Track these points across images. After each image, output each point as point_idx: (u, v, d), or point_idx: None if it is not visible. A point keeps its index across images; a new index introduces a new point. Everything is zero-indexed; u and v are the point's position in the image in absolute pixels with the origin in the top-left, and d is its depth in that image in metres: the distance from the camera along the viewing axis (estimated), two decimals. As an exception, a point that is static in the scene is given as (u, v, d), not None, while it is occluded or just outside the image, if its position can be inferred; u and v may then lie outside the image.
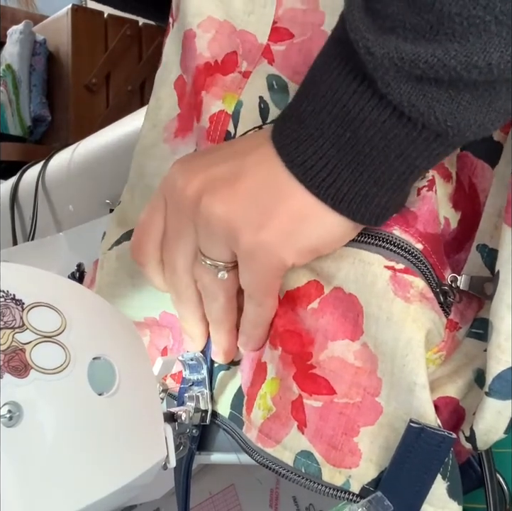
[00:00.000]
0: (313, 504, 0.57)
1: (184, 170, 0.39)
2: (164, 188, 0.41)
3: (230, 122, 0.44)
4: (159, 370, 0.42)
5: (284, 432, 0.39)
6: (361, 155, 0.35)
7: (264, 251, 0.37)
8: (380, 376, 0.38)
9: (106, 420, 0.34)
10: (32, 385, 0.32)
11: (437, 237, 0.39)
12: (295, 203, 0.37)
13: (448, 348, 0.40)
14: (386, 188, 0.36)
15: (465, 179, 0.41)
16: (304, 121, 0.36)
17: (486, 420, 0.36)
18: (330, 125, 0.35)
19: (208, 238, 0.39)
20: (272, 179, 0.37)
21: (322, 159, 0.35)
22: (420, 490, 0.36)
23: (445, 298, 0.39)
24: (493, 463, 0.38)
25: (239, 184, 0.37)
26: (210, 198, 0.37)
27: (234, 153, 0.39)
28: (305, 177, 0.36)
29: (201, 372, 0.44)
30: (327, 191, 0.36)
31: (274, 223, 0.37)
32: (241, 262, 0.38)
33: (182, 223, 0.40)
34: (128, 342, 0.39)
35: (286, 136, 0.36)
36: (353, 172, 0.35)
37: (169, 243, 0.41)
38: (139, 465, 0.35)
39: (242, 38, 0.45)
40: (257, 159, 0.38)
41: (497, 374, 0.36)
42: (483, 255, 0.40)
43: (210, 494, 0.61)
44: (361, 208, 0.36)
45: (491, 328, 0.36)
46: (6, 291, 0.33)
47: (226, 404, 0.43)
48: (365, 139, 0.34)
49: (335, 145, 0.35)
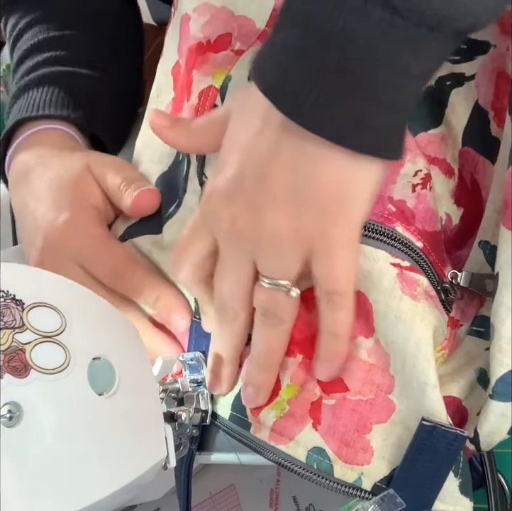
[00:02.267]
0: (313, 504, 0.57)
1: (223, 203, 0.37)
2: (208, 222, 0.39)
3: (218, 96, 0.44)
4: (159, 370, 0.41)
5: (297, 429, 0.39)
6: (348, 74, 0.32)
7: (341, 243, 0.36)
8: (393, 373, 0.38)
9: (106, 420, 0.34)
10: (33, 385, 0.32)
11: (435, 235, 0.39)
12: (330, 166, 0.34)
13: (450, 347, 0.40)
14: (384, 105, 0.33)
15: (467, 175, 0.41)
16: (285, 50, 0.33)
17: (490, 422, 0.36)
18: (311, 46, 0.32)
19: (275, 258, 0.37)
20: (290, 154, 0.35)
21: (307, 88, 0.32)
22: (433, 488, 0.36)
23: (446, 295, 0.39)
24: (495, 463, 0.38)
25: (276, 189, 0.36)
26: (266, 218, 0.36)
27: (251, 161, 0.36)
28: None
29: (201, 372, 0.44)
30: (323, 124, 0.33)
31: (314, 208, 0.35)
32: (321, 263, 0.37)
33: (237, 253, 0.38)
34: (128, 342, 0.39)
35: (269, 74, 0.34)
36: (345, 97, 0.32)
37: (223, 272, 0.39)
38: (139, 465, 0.35)
39: (239, 23, 0.45)
40: (263, 141, 0.36)
41: (500, 376, 0.36)
42: (485, 251, 0.40)
43: (210, 494, 0.61)
44: (364, 136, 0.33)
45: (493, 330, 0.36)
46: (6, 291, 0.33)
47: (226, 406, 0.43)
48: (351, 54, 0.31)
49: (321, 70, 0.32)
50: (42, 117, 0.56)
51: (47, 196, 0.50)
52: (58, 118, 0.56)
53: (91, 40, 0.63)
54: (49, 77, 0.59)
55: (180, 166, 0.47)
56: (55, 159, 0.53)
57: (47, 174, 0.52)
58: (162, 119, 0.43)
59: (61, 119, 0.56)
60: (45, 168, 0.52)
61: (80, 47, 0.62)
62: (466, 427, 0.38)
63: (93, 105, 0.59)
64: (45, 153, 0.54)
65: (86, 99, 0.59)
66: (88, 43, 0.63)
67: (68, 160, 0.52)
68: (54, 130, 0.56)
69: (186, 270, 0.41)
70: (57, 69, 0.60)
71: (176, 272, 0.42)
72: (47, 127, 0.56)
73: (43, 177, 0.52)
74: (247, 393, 0.41)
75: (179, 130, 0.43)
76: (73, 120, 0.57)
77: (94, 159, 0.52)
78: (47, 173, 0.52)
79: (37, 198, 0.51)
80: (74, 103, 0.58)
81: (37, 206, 0.51)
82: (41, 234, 0.49)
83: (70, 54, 0.61)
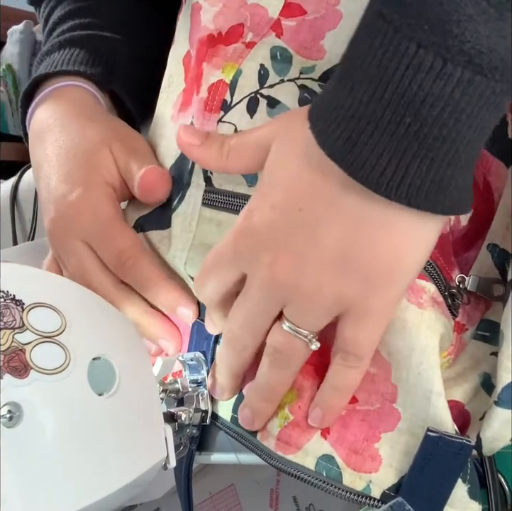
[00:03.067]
0: (313, 504, 0.57)
1: (263, 246, 0.36)
2: (241, 260, 0.37)
3: (228, 91, 0.43)
4: (159, 370, 0.41)
5: (305, 438, 0.39)
6: (428, 139, 0.30)
7: (377, 312, 0.35)
8: (395, 382, 0.38)
9: (106, 420, 0.34)
10: (32, 385, 0.31)
11: (443, 237, 0.39)
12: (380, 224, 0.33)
13: (456, 352, 0.40)
14: (462, 164, 0.31)
15: (479, 176, 0.41)
16: (352, 116, 0.31)
17: (494, 429, 0.36)
18: (384, 113, 0.30)
19: (307, 311, 0.36)
20: (345, 216, 0.33)
21: (383, 155, 0.31)
22: (441, 495, 0.36)
23: (453, 300, 0.39)
24: (495, 464, 0.38)
25: (327, 248, 0.34)
26: (310, 274, 0.34)
27: (303, 212, 0.35)
28: (372, 181, 0.31)
29: (201, 373, 0.44)
30: (399, 190, 0.31)
31: (361, 274, 0.34)
32: (351, 325, 0.36)
33: (268, 296, 0.36)
34: (128, 342, 0.39)
35: (335, 140, 0.32)
36: (423, 161, 0.31)
37: (245, 304, 0.38)
38: (139, 466, 0.35)
39: (252, 11, 0.44)
40: (319, 196, 0.34)
41: (506, 384, 0.35)
42: (493, 255, 0.39)
43: (210, 494, 0.61)
44: (438, 196, 0.32)
45: (502, 337, 0.36)
46: (6, 291, 0.33)
47: (227, 407, 0.43)
48: (431, 119, 0.30)
49: (394, 136, 0.31)
50: (61, 73, 0.55)
51: (61, 164, 0.49)
52: (76, 74, 0.55)
53: (118, 6, 0.62)
54: (71, 39, 0.58)
55: (186, 159, 0.47)
56: (74, 124, 0.51)
57: (62, 139, 0.50)
58: (191, 137, 0.41)
59: (79, 75, 0.55)
60: (62, 131, 0.51)
61: (106, 13, 0.61)
62: (469, 432, 0.38)
63: (113, 63, 0.57)
64: (64, 114, 0.52)
65: (107, 58, 0.57)
66: (113, 10, 0.62)
67: (87, 129, 0.50)
68: (75, 88, 0.55)
69: (208, 293, 0.40)
70: (80, 33, 0.59)
71: (198, 289, 0.41)
72: (66, 83, 0.55)
73: (59, 141, 0.50)
74: (244, 415, 0.41)
75: (211, 150, 0.40)
76: (90, 75, 0.55)
77: (118, 139, 0.50)
78: (63, 137, 0.50)
79: (51, 162, 0.50)
80: (93, 61, 0.56)
81: (51, 172, 0.49)
82: (52, 206, 0.48)
83: (95, 20, 0.60)
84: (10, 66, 1.41)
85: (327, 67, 0.42)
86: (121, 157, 0.49)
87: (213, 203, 0.44)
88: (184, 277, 0.46)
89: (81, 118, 0.52)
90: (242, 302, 0.38)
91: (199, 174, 0.45)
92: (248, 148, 0.39)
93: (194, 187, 0.45)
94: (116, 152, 0.49)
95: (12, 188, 1.08)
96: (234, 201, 0.43)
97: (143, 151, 0.50)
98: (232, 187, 0.43)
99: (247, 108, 0.43)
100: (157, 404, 0.39)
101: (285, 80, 0.42)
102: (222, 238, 0.42)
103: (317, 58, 0.42)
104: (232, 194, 0.43)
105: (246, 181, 0.43)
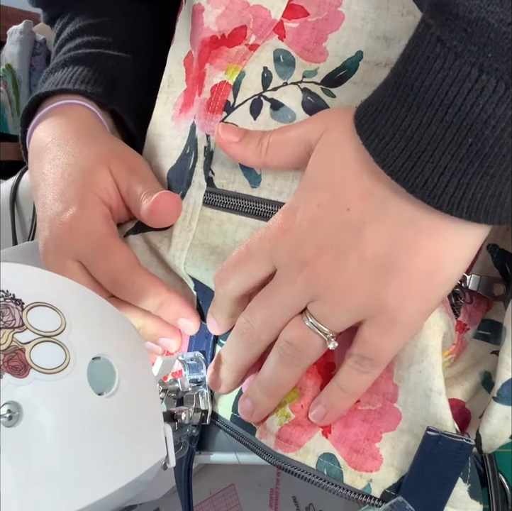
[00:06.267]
0: (313, 504, 0.57)
1: (304, 243, 0.36)
2: (277, 255, 0.37)
3: (231, 92, 0.43)
4: (159, 370, 0.41)
5: (306, 437, 0.39)
6: (488, 157, 0.31)
7: (408, 320, 0.35)
8: (396, 382, 0.38)
9: (106, 420, 0.34)
10: (32, 384, 0.31)
11: None
12: (428, 239, 0.33)
13: (458, 351, 0.40)
14: None
15: None
16: (411, 137, 0.32)
17: (493, 425, 0.36)
18: (445, 135, 0.31)
19: (336, 309, 0.36)
20: (395, 227, 0.34)
21: (443, 174, 0.32)
22: (442, 494, 0.36)
23: (456, 299, 0.39)
24: (496, 464, 0.38)
25: (369, 250, 0.34)
26: (348, 273, 0.35)
27: (350, 214, 0.35)
28: (434, 199, 0.32)
29: (201, 372, 0.44)
30: (461, 205, 0.32)
31: (400, 280, 0.34)
32: (375, 331, 0.36)
33: (300, 292, 0.36)
34: (128, 342, 0.39)
35: (394, 159, 0.33)
36: (483, 177, 0.31)
37: (268, 300, 0.38)
38: (139, 465, 0.35)
39: (255, 13, 0.45)
40: (369, 198, 0.34)
41: (506, 380, 0.35)
42: (493, 255, 0.39)
43: (210, 493, 0.61)
44: (496, 209, 0.32)
45: (505, 334, 0.36)
46: (6, 291, 0.33)
47: (227, 406, 0.43)
48: (492, 139, 0.30)
49: (455, 155, 0.31)
50: (63, 92, 0.55)
51: (57, 183, 0.49)
52: (77, 93, 0.55)
53: (125, 24, 0.62)
54: (76, 58, 0.58)
55: (187, 159, 0.47)
56: (72, 143, 0.51)
57: (59, 158, 0.50)
58: (229, 134, 0.41)
59: (80, 94, 0.55)
60: (59, 150, 0.51)
61: (115, 31, 0.61)
62: (469, 430, 0.38)
63: (115, 82, 0.57)
64: (62, 133, 0.52)
65: (109, 76, 0.57)
66: (123, 29, 0.61)
67: (85, 148, 0.50)
68: (75, 106, 0.54)
69: (230, 287, 0.40)
70: (85, 51, 0.59)
71: (221, 282, 0.40)
72: (67, 102, 0.54)
73: (56, 160, 0.50)
74: (245, 405, 0.41)
75: (249, 146, 0.40)
76: (91, 94, 0.55)
77: (117, 158, 0.50)
78: (59, 156, 0.50)
79: (47, 181, 0.49)
80: (95, 79, 0.56)
81: (47, 190, 0.49)
82: (47, 224, 0.48)
83: (103, 38, 0.60)
84: (10, 66, 1.41)
85: (329, 70, 0.42)
86: (122, 178, 0.48)
87: (215, 203, 0.44)
88: (183, 276, 0.46)
89: (79, 136, 0.51)
90: (269, 295, 0.38)
91: (200, 175, 0.45)
92: (288, 144, 0.39)
93: (195, 187, 0.45)
94: (116, 172, 0.49)
95: (12, 188, 1.08)
96: (236, 201, 0.43)
97: (143, 172, 0.49)
98: (234, 187, 0.43)
99: (250, 109, 0.43)
100: (156, 403, 0.39)
101: (288, 83, 0.42)
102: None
103: (319, 61, 0.42)
104: (235, 194, 0.43)
105: (249, 182, 0.43)
